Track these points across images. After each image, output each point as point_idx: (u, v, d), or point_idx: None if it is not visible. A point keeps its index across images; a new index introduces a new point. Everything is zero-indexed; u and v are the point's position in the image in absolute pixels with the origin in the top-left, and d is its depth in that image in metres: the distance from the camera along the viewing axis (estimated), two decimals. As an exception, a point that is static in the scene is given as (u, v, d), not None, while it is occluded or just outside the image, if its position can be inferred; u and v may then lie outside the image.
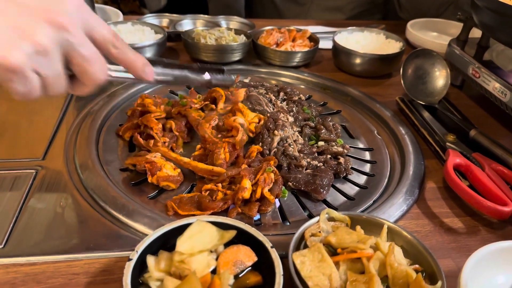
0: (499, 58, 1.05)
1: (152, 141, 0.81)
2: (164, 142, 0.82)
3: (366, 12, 1.81)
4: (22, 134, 0.88)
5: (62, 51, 0.50)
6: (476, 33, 1.10)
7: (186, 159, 0.78)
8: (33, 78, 0.48)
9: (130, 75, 0.60)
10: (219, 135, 0.83)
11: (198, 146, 0.83)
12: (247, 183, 0.72)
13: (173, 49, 1.30)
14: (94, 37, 0.53)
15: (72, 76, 0.54)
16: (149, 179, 0.74)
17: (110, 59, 0.56)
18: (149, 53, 1.13)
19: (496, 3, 0.88)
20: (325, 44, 1.33)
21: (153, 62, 0.62)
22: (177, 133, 0.86)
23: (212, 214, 0.69)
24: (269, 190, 0.73)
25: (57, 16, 0.48)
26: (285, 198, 0.77)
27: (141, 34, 1.18)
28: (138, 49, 1.10)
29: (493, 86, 0.96)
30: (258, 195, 0.71)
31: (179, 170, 0.77)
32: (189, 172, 0.79)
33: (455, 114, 1.02)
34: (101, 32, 0.53)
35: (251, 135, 0.86)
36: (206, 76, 0.72)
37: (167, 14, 1.45)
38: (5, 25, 0.46)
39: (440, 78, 1.07)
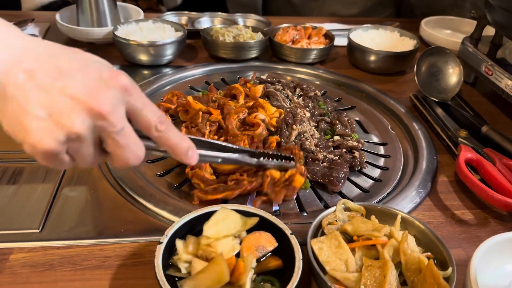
0: (512, 56, 1.07)
1: None
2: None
3: (379, 5, 1.83)
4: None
5: (96, 136, 0.49)
6: (489, 31, 1.12)
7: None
8: (64, 159, 0.49)
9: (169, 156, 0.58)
10: (241, 128, 0.87)
11: (222, 138, 0.87)
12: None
13: (192, 46, 1.34)
14: (138, 120, 0.52)
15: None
16: (187, 170, 0.78)
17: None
18: (170, 50, 1.17)
19: (509, 2, 0.90)
20: (340, 41, 1.36)
21: (201, 142, 0.61)
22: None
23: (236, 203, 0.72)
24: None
25: (98, 104, 0.46)
26: (304, 190, 0.80)
27: (162, 31, 1.23)
28: (160, 47, 1.15)
29: (506, 83, 0.98)
30: (287, 175, 0.75)
31: (214, 177, 0.79)
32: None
33: (468, 111, 1.04)
34: (146, 116, 0.52)
35: (272, 129, 0.89)
36: (261, 161, 0.71)
37: (186, 12, 1.49)
38: (45, 105, 0.45)
39: (453, 75, 1.10)
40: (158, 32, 1.22)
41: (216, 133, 0.89)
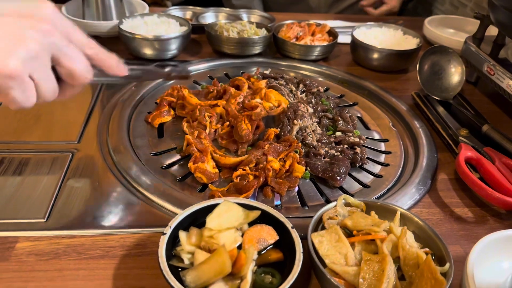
0: (514, 56, 1.07)
1: (196, 132, 0.85)
2: (215, 130, 0.89)
3: None
4: (57, 119, 0.94)
5: (50, 55, 0.52)
6: (492, 31, 1.13)
7: (216, 156, 0.82)
8: (29, 83, 0.50)
9: (106, 76, 0.62)
10: (241, 111, 0.90)
11: (226, 123, 0.88)
12: (272, 159, 0.78)
13: (196, 41, 1.34)
14: (72, 40, 0.55)
15: (58, 80, 0.56)
16: (189, 164, 0.78)
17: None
18: (175, 45, 1.18)
19: (512, 3, 0.91)
20: (344, 38, 1.36)
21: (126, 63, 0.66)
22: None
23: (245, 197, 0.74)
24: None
25: (40, 21, 0.50)
26: (306, 181, 0.81)
27: (167, 26, 1.23)
28: (164, 41, 1.15)
29: (507, 83, 0.98)
30: (287, 165, 0.78)
31: (217, 170, 0.81)
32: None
33: (469, 110, 1.05)
34: (77, 35, 0.56)
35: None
36: (167, 68, 0.76)
37: (190, 6, 1.49)
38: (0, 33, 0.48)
39: (455, 74, 1.10)
40: (163, 27, 1.23)
41: (217, 122, 0.91)
